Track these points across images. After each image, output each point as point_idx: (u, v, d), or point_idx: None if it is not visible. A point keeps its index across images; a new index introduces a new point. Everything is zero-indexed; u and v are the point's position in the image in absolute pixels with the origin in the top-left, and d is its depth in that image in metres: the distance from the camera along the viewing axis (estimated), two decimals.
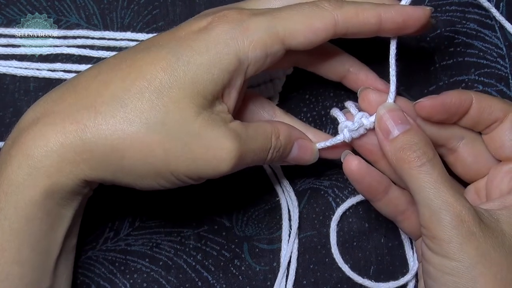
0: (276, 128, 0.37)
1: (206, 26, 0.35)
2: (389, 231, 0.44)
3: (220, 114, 0.35)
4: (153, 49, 0.34)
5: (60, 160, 0.33)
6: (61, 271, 0.36)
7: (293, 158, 0.39)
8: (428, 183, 0.34)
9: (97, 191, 0.39)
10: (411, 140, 0.35)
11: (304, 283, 0.44)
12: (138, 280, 0.43)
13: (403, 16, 0.36)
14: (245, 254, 0.43)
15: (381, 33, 0.37)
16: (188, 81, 0.33)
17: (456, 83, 0.45)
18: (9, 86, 0.43)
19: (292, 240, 0.43)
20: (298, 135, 0.39)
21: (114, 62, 0.35)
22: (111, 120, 0.33)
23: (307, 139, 0.39)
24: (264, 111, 0.40)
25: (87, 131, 0.33)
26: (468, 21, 0.45)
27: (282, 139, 0.37)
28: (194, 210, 0.43)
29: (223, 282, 0.43)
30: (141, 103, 0.33)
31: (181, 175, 0.34)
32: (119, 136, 0.33)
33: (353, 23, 0.35)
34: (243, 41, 0.34)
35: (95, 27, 0.44)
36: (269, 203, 0.44)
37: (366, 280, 0.43)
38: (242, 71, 0.35)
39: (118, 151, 0.33)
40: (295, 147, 0.38)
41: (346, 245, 0.44)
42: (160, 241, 0.43)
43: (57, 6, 0.43)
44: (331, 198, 0.44)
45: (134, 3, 0.44)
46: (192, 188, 0.43)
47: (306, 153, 0.39)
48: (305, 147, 0.39)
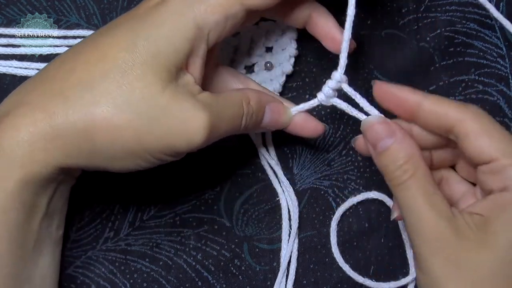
0: (246, 94, 0.37)
1: (161, 2, 0.35)
2: (389, 231, 0.44)
3: (187, 86, 0.35)
4: (113, 29, 0.35)
5: (31, 149, 0.33)
6: (43, 262, 0.36)
7: (267, 123, 0.39)
8: (406, 199, 0.35)
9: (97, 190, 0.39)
10: (393, 157, 0.35)
11: (304, 283, 0.44)
12: (138, 280, 0.43)
13: None
14: (245, 254, 0.43)
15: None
16: (149, 56, 0.33)
17: (456, 83, 0.45)
18: (9, 86, 0.43)
19: (292, 240, 0.43)
20: (269, 99, 0.39)
21: (77, 48, 0.35)
22: (78, 105, 0.33)
23: (278, 101, 0.39)
24: (238, 82, 0.40)
25: (56, 118, 0.33)
26: (468, 21, 0.45)
27: (253, 104, 0.37)
28: (194, 210, 0.43)
29: (223, 282, 0.43)
30: (106, 85, 0.33)
31: (156, 152, 0.34)
32: (87, 119, 0.33)
33: None
34: (199, 8, 0.34)
35: (95, 27, 0.44)
36: (269, 203, 0.44)
37: (366, 280, 0.43)
38: (203, 38, 0.35)
39: (88, 135, 0.33)
40: (267, 111, 0.38)
41: (346, 245, 0.44)
42: (160, 241, 0.43)
43: (57, 6, 0.43)
44: (331, 198, 0.44)
45: (134, 3, 0.44)
46: (192, 188, 0.43)
47: (280, 115, 0.39)
48: (278, 109, 0.39)
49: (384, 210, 0.44)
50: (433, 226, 0.34)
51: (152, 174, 0.41)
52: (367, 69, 0.44)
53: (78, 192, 0.39)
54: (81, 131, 0.33)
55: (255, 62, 0.44)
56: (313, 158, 0.44)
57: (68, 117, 0.33)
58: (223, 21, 0.35)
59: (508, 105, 0.45)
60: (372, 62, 0.44)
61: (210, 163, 0.43)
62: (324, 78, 0.44)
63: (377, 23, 0.44)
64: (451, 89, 0.45)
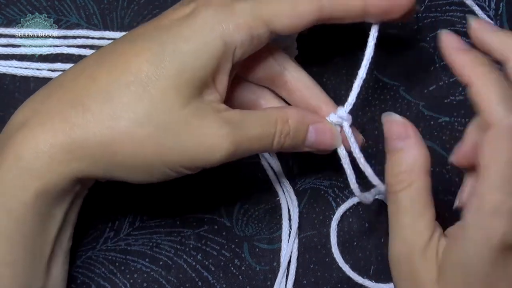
0: (284, 112, 0.36)
1: (190, 12, 0.34)
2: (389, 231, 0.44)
3: (211, 103, 0.34)
4: (138, 40, 0.34)
5: (50, 160, 0.33)
6: (55, 273, 0.36)
7: (311, 144, 0.37)
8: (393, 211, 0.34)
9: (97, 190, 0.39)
10: (395, 164, 0.34)
11: (304, 283, 0.44)
12: (138, 280, 0.43)
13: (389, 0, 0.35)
14: (245, 254, 0.43)
15: (365, 18, 0.36)
16: (174, 71, 0.33)
17: (456, 83, 0.45)
18: (9, 86, 0.43)
19: (292, 240, 0.43)
20: (314, 119, 0.37)
21: (100, 56, 0.35)
22: (99, 116, 0.33)
23: (324, 121, 0.38)
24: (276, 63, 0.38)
25: (76, 129, 0.33)
26: None
27: (292, 123, 0.36)
28: (194, 210, 0.43)
29: (223, 282, 0.43)
30: (127, 97, 0.33)
31: (175, 166, 0.34)
32: (108, 132, 0.33)
33: (338, 7, 0.35)
34: (228, 25, 0.34)
35: (95, 27, 0.44)
36: (269, 203, 0.44)
37: (366, 280, 0.43)
38: (229, 55, 0.34)
39: (108, 147, 0.33)
40: (311, 131, 0.37)
41: (346, 245, 0.44)
42: (160, 241, 0.43)
43: (57, 6, 0.43)
44: (331, 198, 0.44)
45: (134, 3, 0.44)
46: (192, 188, 0.43)
47: (326, 137, 0.38)
48: (323, 131, 0.37)
49: (384, 210, 0.44)
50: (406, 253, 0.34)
51: None
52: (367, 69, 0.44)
53: None
54: (101, 143, 0.33)
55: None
56: (313, 158, 0.44)
57: (88, 129, 0.33)
58: (249, 40, 0.34)
59: None
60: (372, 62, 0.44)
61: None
62: (324, 78, 0.44)
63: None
64: (451, 89, 0.45)
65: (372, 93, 0.44)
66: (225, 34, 0.34)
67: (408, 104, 0.44)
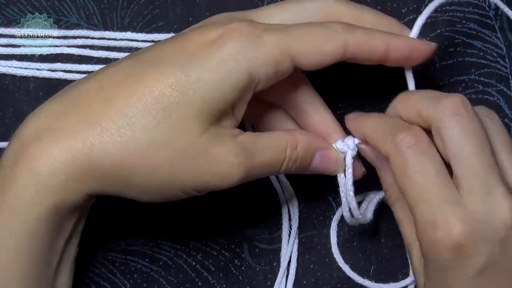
0: (294, 137, 0.37)
1: (216, 39, 0.34)
2: (389, 231, 0.44)
3: (228, 129, 0.35)
4: (161, 64, 0.34)
5: (66, 178, 0.33)
6: (62, 280, 0.36)
7: (315, 168, 0.38)
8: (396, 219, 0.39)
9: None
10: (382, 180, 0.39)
11: (304, 283, 0.44)
12: (138, 280, 0.43)
13: (410, 48, 0.36)
14: (245, 254, 0.43)
15: (385, 62, 0.37)
16: (197, 99, 0.33)
17: (456, 83, 0.45)
18: (9, 86, 0.43)
19: (292, 240, 0.43)
20: (321, 145, 0.38)
21: (118, 75, 0.34)
22: (117, 138, 0.33)
23: (330, 148, 0.38)
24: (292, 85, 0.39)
25: (93, 149, 0.33)
26: (468, 21, 0.45)
27: (300, 150, 0.37)
28: (194, 210, 0.43)
29: (223, 282, 0.43)
30: (147, 121, 0.33)
31: (188, 189, 0.34)
32: (125, 154, 0.33)
33: (362, 49, 0.35)
34: (256, 58, 0.34)
35: (95, 27, 0.44)
36: (269, 203, 0.44)
37: (366, 281, 0.43)
38: (252, 87, 0.34)
39: (125, 169, 0.33)
40: (317, 157, 0.38)
41: (346, 245, 0.44)
42: (160, 241, 0.43)
43: (57, 6, 0.43)
44: (331, 198, 0.44)
45: (134, 3, 0.44)
46: None
47: (330, 164, 0.38)
48: (328, 158, 0.38)
49: (384, 210, 0.44)
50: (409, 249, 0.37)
51: None
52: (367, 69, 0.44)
53: None
54: (118, 165, 0.33)
55: None
56: None
57: (106, 151, 0.33)
58: (274, 74, 0.34)
59: (508, 105, 0.45)
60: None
61: None
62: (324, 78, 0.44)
63: None
64: (451, 89, 0.45)
65: (372, 93, 0.44)
66: (251, 67, 0.33)
67: None
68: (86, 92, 0.34)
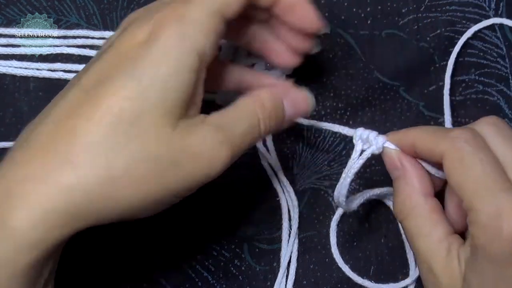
0: (258, 97, 0.35)
1: (148, 38, 0.32)
2: (389, 231, 0.44)
3: (195, 117, 0.33)
4: (108, 81, 0.31)
5: (46, 229, 0.30)
6: None
7: (291, 115, 0.37)
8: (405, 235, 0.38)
9: None
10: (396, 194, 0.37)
11: (304, 283, 0.44)
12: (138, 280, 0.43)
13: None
14: (245, 254, 0.43)
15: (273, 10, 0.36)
16: (156, 102, 0.31)
17: (456, 83, 0.45)
18: (9, 86, 0.43)
19: (292, 240, 0.43)
20: (285, 91, 0.37)
21: (71, 105, 0.32)
22: (92, 170, 0.30)
23: (294, 89, 0.37)
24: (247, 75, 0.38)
25: (70, 190, 0.30)
26: (468, 21, 0.45)
27: (269, 105, 0.35)
28: (194, 210, 0.43)
29: (223, 282, 0.43)
30: (116, 141, 0.31)
31: (182, 192, 0.33)
32: (105, 181, 0.31)
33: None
34: (195, 34, 0.32)
35: (95, 27, 0.44)
36: (269, 203, 0.44)
37: (366, 281, 0.43)
38: (204, 64, 0.33)
39: (110, 198, 0.31)
40: (286, 105, 0.36)
41: (346, 245, 0.44)
42: (160, 241, 0.43)
43: (57, 6, 0.43)
44: (331, 198, 0.44)
45: (134, 3, 0.44)
46: None
47: (301, 104, 0.37)
48: (296, 100, 0.37)
49: (384, 210, 0.44)
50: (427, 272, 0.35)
51: None
52: (367, 69, 0.44)
53: None
54: (100, 194, 0.31)
55: (255, 62, 0.44)
56: (313, 158, 0.44)
57: (84, 187, 0.30)
58: (216, 40, 0.33)
59: (508, 105, 0.45)
60: (372, 62, 0.44)
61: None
62: (324, 78, 0.44)
63: (377, 23, 0.44)
64: (451, 89, 0.45)
65: (372, 93, 0.44)
66: (195, 44, 0.32)
67: (408, 104, 0.44)
68: (46, 128, 0.32)
